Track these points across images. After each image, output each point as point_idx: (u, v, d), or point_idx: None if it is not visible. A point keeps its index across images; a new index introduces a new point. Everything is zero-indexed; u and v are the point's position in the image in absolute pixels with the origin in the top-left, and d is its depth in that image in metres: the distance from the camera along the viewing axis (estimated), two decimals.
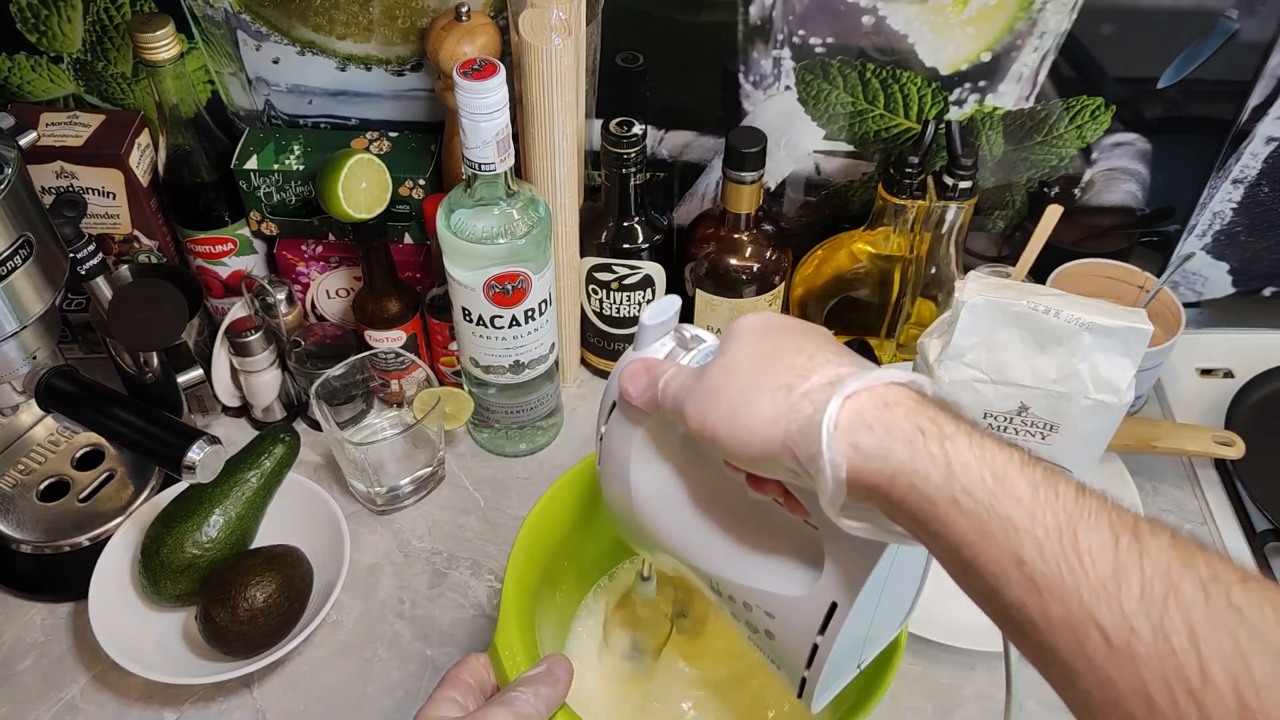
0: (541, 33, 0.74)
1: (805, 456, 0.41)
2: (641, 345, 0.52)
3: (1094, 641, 0.34)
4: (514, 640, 0.57)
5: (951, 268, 0.90)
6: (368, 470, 0.84)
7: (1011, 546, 0.36)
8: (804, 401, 0.41)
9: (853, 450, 0.40)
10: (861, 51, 0.83)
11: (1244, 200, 0.91)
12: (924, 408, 0.40)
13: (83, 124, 0.86)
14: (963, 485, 0.37)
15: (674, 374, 0.48)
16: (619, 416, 0.54)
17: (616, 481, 0.56)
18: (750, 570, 0.52)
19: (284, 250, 0.91)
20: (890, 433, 0.39)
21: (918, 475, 0.38)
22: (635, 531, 0.58)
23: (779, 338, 0.46)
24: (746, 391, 0.43)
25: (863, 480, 0.40)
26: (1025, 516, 0.36)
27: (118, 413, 0.68)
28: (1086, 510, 0.36)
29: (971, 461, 0.38)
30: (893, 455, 0.39)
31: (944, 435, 0.39)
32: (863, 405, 0.40)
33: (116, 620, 0.75)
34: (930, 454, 0.38)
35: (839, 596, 0.48)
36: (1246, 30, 0.80)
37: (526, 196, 0.76)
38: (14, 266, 0.64)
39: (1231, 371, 0.96)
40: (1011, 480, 0.37)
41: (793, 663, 0.52)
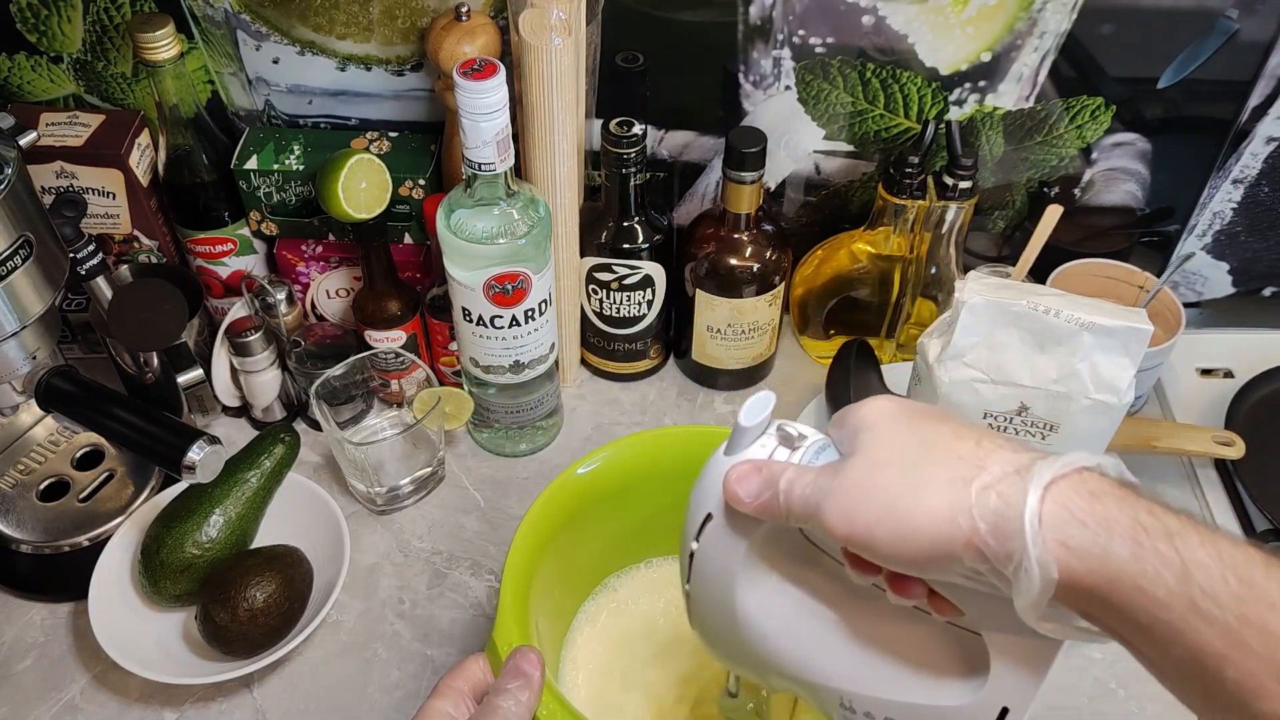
0: (541, 33, 0.74)
1: (998, 556, 0.37)
2: (738, 448, 0.47)
3: None
4: (513, 638, 0.56)
5: (951, 268, 0.90)
6: (368, 470, 0.84)
7: (1272, 657, 0.33)
8: (989, 494, 0.37)
9: (1062, 549, 0.36)
10: (861, 51, 0.83)
11: (1244, 200, 0.91)
12: (1136, 498, 0.37)
13: (83, 124, 0.86)
14: (1203, 589, 0.34)
15: (797, 474, 0.43)
16: (719, 527, 0.48)
17: (715, 603, 0.50)
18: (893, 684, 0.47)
19: (284, 250, 0.91)
20: (1108, 529, 0.36)
21: (1145, 577, 0.35)
22: (738, 654, 0.52)
23: (926, 424, 0.42)
24: (908, 486, 0.39)
25: (1074, 581, 0.36)
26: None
27: (118, 413, 0.68)
28: None
29: (1209, 562, 0.35)
30: (1113, 555, 0.36)
31: (1170, 532, 0.36)
32: (1066, 496, 0.37)
33: (116, 620, 0.75)
34: (1159, 553, 0.35)
35: (1011, 701, 0.43)
36: (1246, 30, 0.80)
37: (526, 196, 0.76)
38: (14, 266, 0.64)
39: (1231, 371, 0.96)
40: (1259, 583, 0.34)
41: None
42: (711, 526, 0.48)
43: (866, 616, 0.48)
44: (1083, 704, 0.73)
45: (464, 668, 0.53)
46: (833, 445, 0.46)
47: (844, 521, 0.40)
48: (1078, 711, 0.73)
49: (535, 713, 0.51)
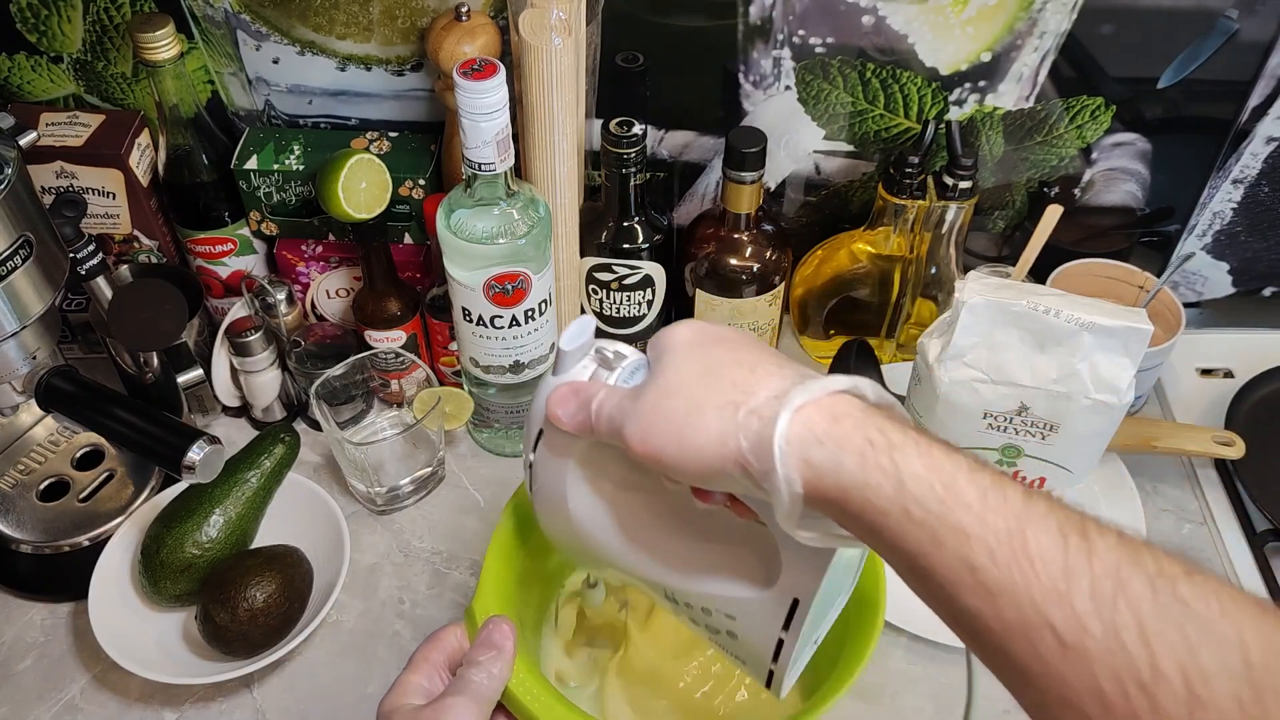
0: (541, 33, 0.74)
1: (759, 473, 0.41)
2: (562, 369, 0.51)
3: (1047, 643, 0.34)
4: (490, 608, 0.57)
5: (951, 268, 0.90)
6: (368, 470, 0.84)
7: (963, 554, 0.36)
8: (752, 418, 0.41)
9: (805, 466, 0.40)
10: (861, 51, 0.83)
11: (1244, 200, 0.91)
12: (871, 417, 0.41)
13: (83, 124, 0.86)
14: (914, 496, 0.38)
15: (606, 395, 0.47)
16: (549, 444, 0.53)
17: (553, 509, 0.55)
18: (706, 578, 0.52)
19: (284, 250, 0.91)
20: (841, 446, 0.40)
21: (870, 489, 0.39)
22: (578, 553, 0.57)
23: (715, 350, 0.46)
24: (690, 410, 0.43)
25: (817, 494, 0.40)
26: (975, 523, 0.36)
27: (118, 413, 0.68)
28: (1035, 513, 0.36)
29: (920, 471, 0.38)
30: (845, 469, 0.39)
31: (892, 446, 0.39)
32: (811, 419, 0.40)
33: (116, 620, 0.75)
34: (880, 466, 0.39)
35: (800, 592, 0.49)
36: (1246, 30, 0.80)
37: (526, 196, 0.76)
38: (14, 266, 0.64)
39: (1231, 371, 0.96)
40: (960, 487, 0.37)
41: (758, 657, 0.52)
42: (544, 440, 0.53)
43: (682, 519, 0.53)
44: None
45: (439, 638, 0.54)
46: (645, 364, 0.50)
47: (640, 441, 0.45)
48: None
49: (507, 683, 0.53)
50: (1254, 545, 0.83)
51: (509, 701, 0.54)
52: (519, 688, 0.54)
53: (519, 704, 0.54)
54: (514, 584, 0.63)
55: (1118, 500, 0.85)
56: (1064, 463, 0.76)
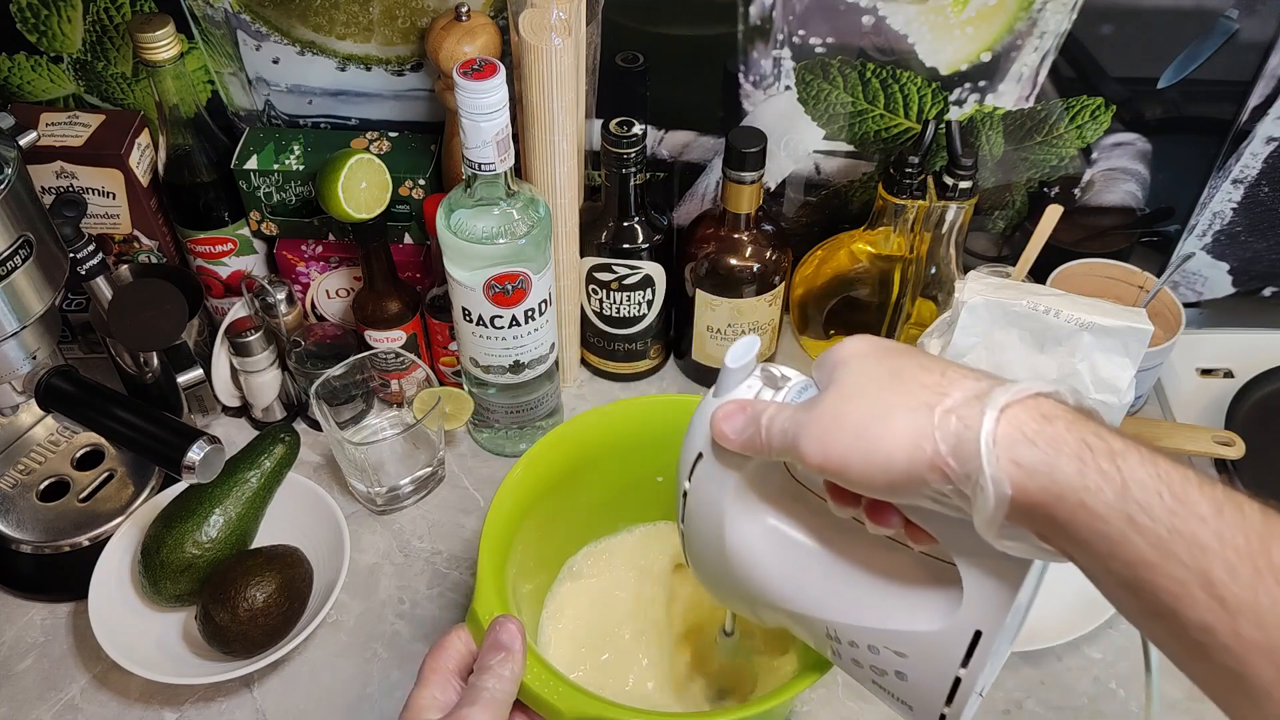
0: (541, 33, 0.74)
1: (959, 476, 0.39)
2: (725, 389, 0.49)
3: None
4: (493, 607, 0.56)
5: (951, 268, 0.90)
6: (368, 470, 0.84)
7: (1199, 566, 0.35)
8: (950, 418, 0.39)
9: (1015, 467, 0.38)
10: (861, 51, 0.83)
11: (1244, 200, 0.91)
12: (1085, 420, 0.39)
13: (83, 124, 0.86)
14: (1139, 503, 0.36)
15: (777, 410, 0.45)
16: (709, 466, 0.50)
17: (707, 539, 0.52)
18: (874, 611, 0.49)
19: (284, 250, 0.91)
20: (1055, 448, 0.38)
21: (1088, 493, 0.37)
22: (730, 589, 0.54)
23: (895, 358, 0.44)
24: (877, 414, 0.41)
25: (1026, 498, 0.38)
26: (1212, 536, 0.35)
27: (118, 413, 0.68)
28: (1277, 530, 0.35)
29: (1146, 479, 0.36)
30: (1060, 472, 0.37)
31: (1113, 451, 0.37)
32: (1020, 419, 0.39)
33: (116, 620, 0.75)
34: (1101, 470, 0.37)
35: (983, 624, 0.45)
36: (1246, 30, 0.80)
37: (526, 196, 0.76)
38: (14, 266, 0.64)
39: (1231, 371, 0.96)
40: (1192, 499, 0.36)
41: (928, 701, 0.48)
42: (702, 465, 0.50)
43: (849, 549, 0.50)
44: (1083, 704, 0.73)
45: (446, 645, 0.53)
46: (813, 384, 0.48)
47: (819, 451, 0.42)
48: (1077, 711, 0.73)
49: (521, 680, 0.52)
50: None
51: (525, 696, 0.54)
52: (534, 681, 0.53)
53: (536, 697, 0.53)
54: (509, 579, 0.63)
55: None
56: None
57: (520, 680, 0.52)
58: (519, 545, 0.65)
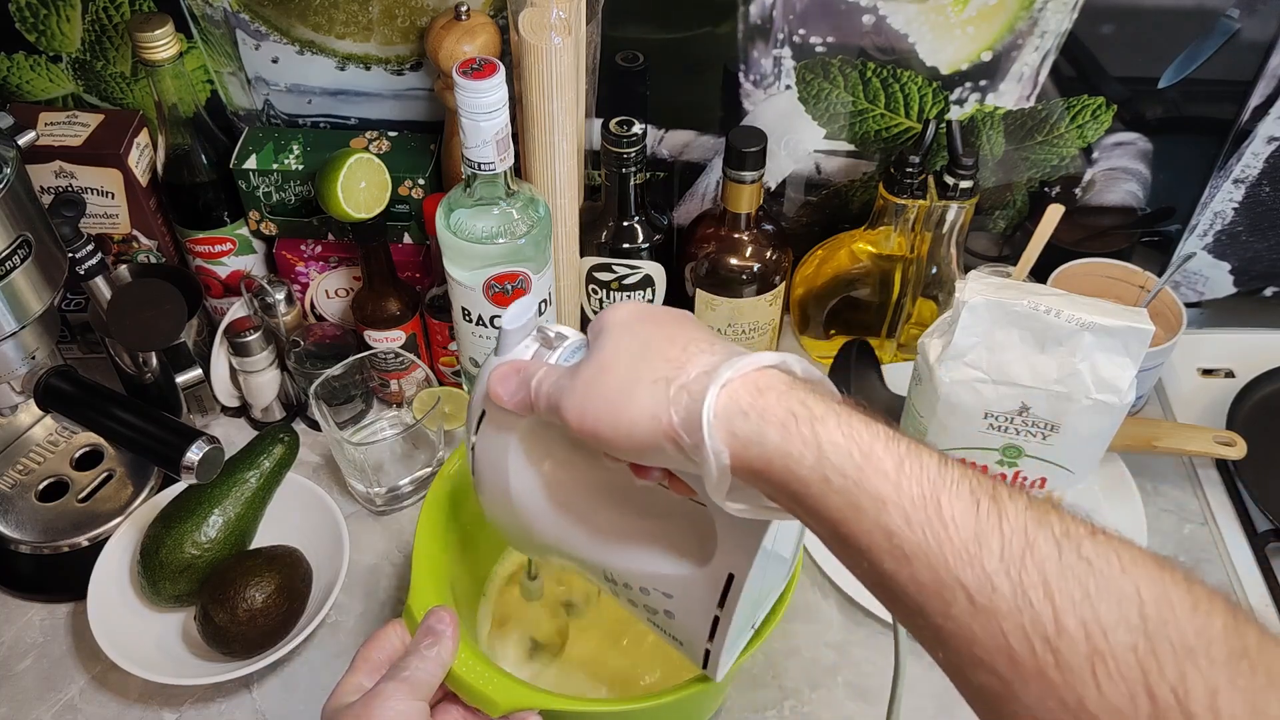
0: (541, 32, 0.74)
1: (689, 446, 0.42)
2: (505, 349, 0.52)
3: (960, 602, 0.36)
4: (428, 601, 0.57)
5: (952, 267, 0.90)
6: (367, 470, 0.83)
7: (880, 519, 0.38)
8: (683, 393, 0.43)
9: (732, 437, 0.41)
10: (862, 51, 0.83)
11: (1245, 200, 0.91)
12: (794, 390, 0.42)
13: (82, 124, 0.86)
14: (833, 464, 0.39)
15: (545, 374, 0.49)
16: (491, 424, 0.54)
17: (495, 490, 0.56)
18: (644, 556, 0.53)
19: (283, 250, 0.91)
20: (764, 418, 0.41)
21: (791, 458, 0.40)
22: (519, 537, 0.58)
23: (650, 329, 0.47)
24: (624, 386, 0.44)
25: (743, 466, 0.41)
26: (892, 489, 0.38)
27: (117, 413, 0.68)
28: (949, 479, 0.38)
29: (840, 440, 0.39)
30: (768, 440, 0.40)
31: (814, 417, 0.40)
32: (737, 392, 0.42)
33: (116, 620, 0.75)
34: (802, 436, 0.40)
35: (735, 568, 0.50)
36: (1247, 30, 0.80)
37: (526, 196, 0.76)
38: (13, 266, 0.64)
39: (1232, 371, 0.96)
40: (877, 456, 0.39)
41: (694, 637, 0.53)
42: (486, 420, 0.54)
43: (622, 498, 0.54)
44: None
45: (379, 637, 0.55)
46: (585, 344, 0.51)
47: (576, 417, 0.46)
48: None
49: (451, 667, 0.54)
50: (1255, 545, 0.83)
51: (458, 687, 0.55)
52: (469, 673, 0.54)
53: (469, 687, 0.54)
54: (446, 574, 0.64)
55: (1118, 500, 0.85)
56: (1065, 463, 0.75)
57: (448, 666, 0.53)
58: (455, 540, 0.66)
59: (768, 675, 0.75)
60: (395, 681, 0.51)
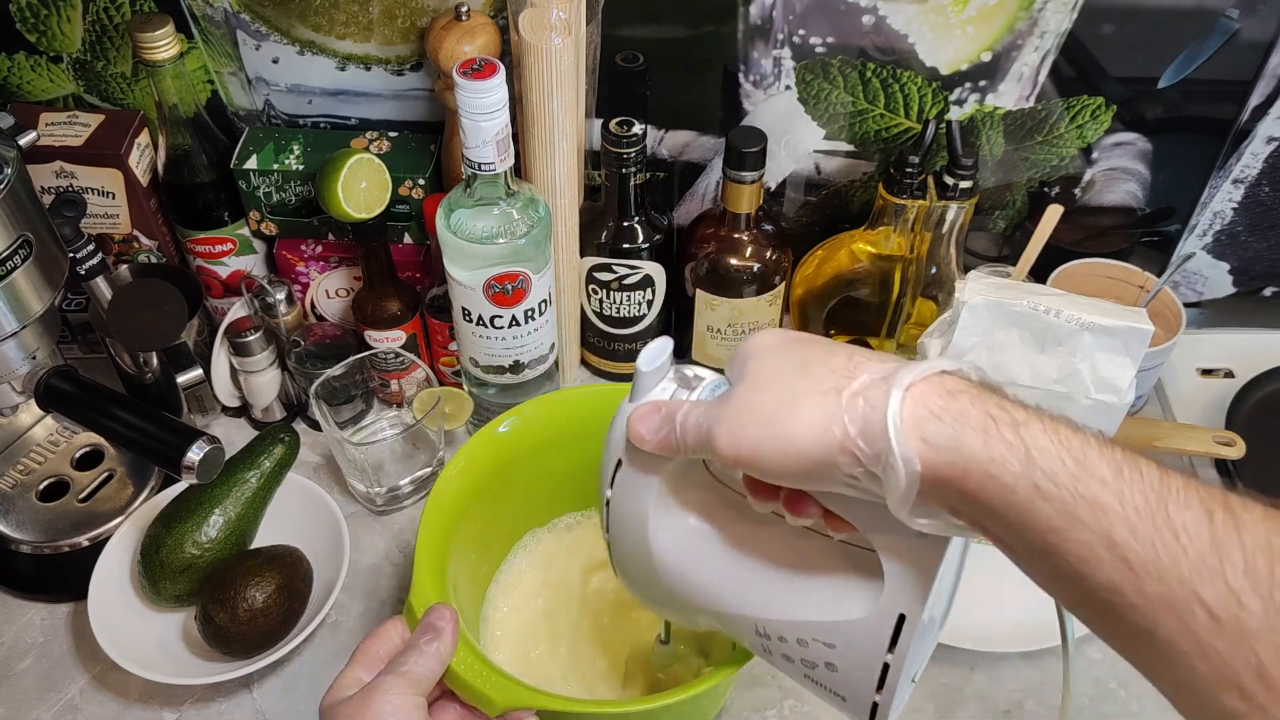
0: (541, 32, 0.74)
1: (869, 457, 0.39)
2: (641, 393, 0.50)
3: (1199, 619, 0.33)
4: (429, 599, 0.57)
5: (952, 267, 0.90)
6: (367, 470, 0.83)
7: (1101, 528, 0.35)
8: (857, 401, 0.40)
9: (922, 444, 0.39)
10: (862, 51, 0.83)
11: (1244, 200, 0.91)
12: (988, 394, 0.39)
13: (82, 124, 0.86)
14: (1043, 470, 0.36)
15: (691, 407, 0.46)
16: (629, 472, 0.51)
17: (632, 546, 0.53)
18: (800, 605, 0.49)
19: (284, 250, 0.91)
20: (960, 422, 0.38)
21: (994, 464, 0.37)
22: (659, 595, 0.54)
23: (803, 348, 0.44)
24: (785, 402, 0.42)
25: (935, 474, 0.39)
26: (1113, 497, 0.35)
27: (117, 413, 0.68)
28: (1173, 488, 0.36)
29: (1049, 446, 0.37)
30: (966, 445, 0.38)
31: (1016, 421, 0.38)
32: (925, 396, 0.39)
33: (116, 620, 0.75)
34: (1006, 440, 0.37)
35: (906, 606, 0.45)
36: (1247, 30, 0.80)
37: (526, 196, 0.76)
38: (13, 266, 0.64)
39: (1232, 371, 0.96)
40: (1092, 463, 0.36)
41: (859, 690, 0.48)
42: (623, 471, 0.51)
43: (772, 545, 0.51)
44: (1083, 704, 0.73)
45: (380, 633, 0.54)
46: (726, 382, 0.48)
47: (731, 443, 0.43)
48: (1078, 711, 0.73)
49: (449, 664, 0.54)
50: None
51: (456, 685, 0.55)
52: (468, 671, 0.54)
53: (468, 686, 0.54)
54: (448, 572, 0.64)
55: None
56: None
57: (447, 662, 0.53)
58: (458, 539, 0.66)
59: (768, 675, 0.75)
60: (394, 676, 0.51)
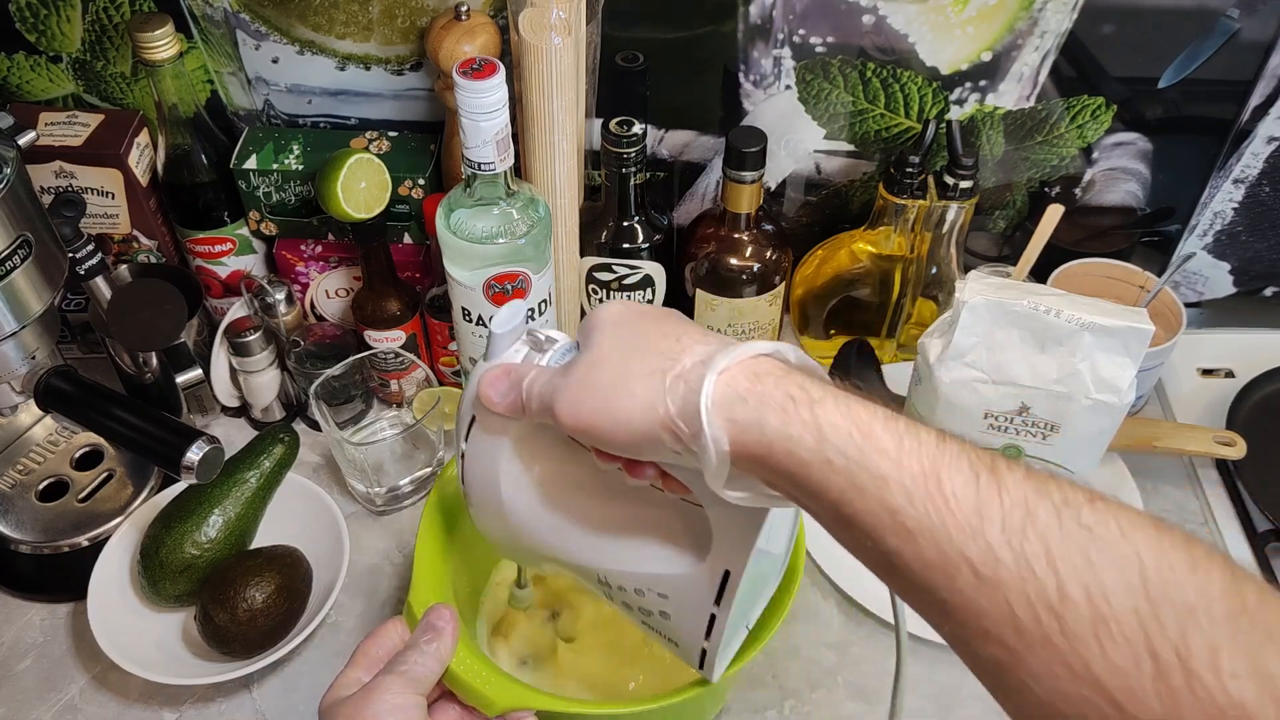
0: (541, 32, 0.74)
1: (687, 436, 0.42)
2: (494, 354, 0.52)
3: (964, 575, 0.36)
4: (429, 599, 0.58)
5: (952, 267, 0.90)
6: (367, 470, 0.83)
7: (883, 497, 0.38)
8: (679, 383, 0.43)
9: (730, 424, 0.41)
10: (862, 51, 0.83)
11: (1245, 200, 0.91)
12: (791, 375, 0.42)
13: (82, 124, 0.86)
14: (834, 445, 0.39)
15: (537, 375, 0.49)
16: (481, 430, 0.53)
17: (486, 498, 0.55)
18: (639, 557, 0.53)
19: (283, 250, 0.91)
20: (763, 403, 0.41)
21: (792, 441, 0.40)
22: (510, 544, 0.58)
23: (641, 324, 0.47)
24: (619, 380, 0.44)
25: (743, 452, 0.41)
26: (892, 467, 0.38)
27: (117, 413, 0.68)
28: (948, 454, 0.38)
29: (839, 422, 0.39)
30: (768, 424, 0.40)
31: (812, 400, 0.40)
32: (735, 379, 0.42)
33: (116, 620, 0.75)
34: (801, 419, 0.40)
35: (731, 564, 0.50)
36: (1247, 30, 0.80)
37: (526, 196, 0.76)
38: (13, 266, 0.64)
39: (1232, 371, 0.96)
40: (877, 435, 0.39)
41: (690, 637, 0.53)
42: (476, 427, 0.54)
43: (614, 501, 0.54)
44: None
45: (380, 633, 0.55)
46: (575, 346, 0.51)
47: (571, 414, 0.46)
48: None
49: (449, 664, 0.54)
50: (1255, 545, 0.83)
51: (456, 686, 0.55)
52: (467, 672, 0.55)
53: (466, 686, 0.55)
54: (447, 574, 0.64)
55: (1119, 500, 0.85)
56: (1065, 463, 0.75)
57: (447, 663, 0.54)
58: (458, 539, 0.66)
59: (768, 675, 0.75)
60: (393, 675, 0.51)
